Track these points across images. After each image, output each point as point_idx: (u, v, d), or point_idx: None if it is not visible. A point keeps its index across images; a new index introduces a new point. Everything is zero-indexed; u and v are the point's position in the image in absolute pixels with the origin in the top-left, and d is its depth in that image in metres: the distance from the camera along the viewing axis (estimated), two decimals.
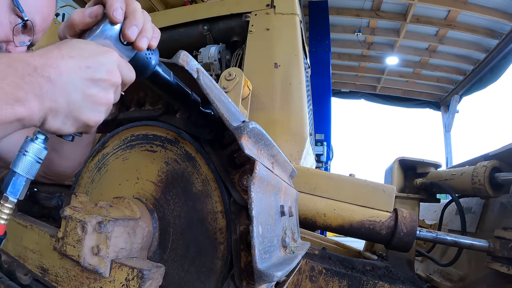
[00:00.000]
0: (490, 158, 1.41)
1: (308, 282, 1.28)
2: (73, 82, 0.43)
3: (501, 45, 6.63)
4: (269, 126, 1.76)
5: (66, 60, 0.43)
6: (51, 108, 0.42)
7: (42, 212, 1.17)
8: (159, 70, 0.56)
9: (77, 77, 0.43)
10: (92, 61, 0.44)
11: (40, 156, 0.47)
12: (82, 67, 0.44)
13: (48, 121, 0.43)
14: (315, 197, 1.35)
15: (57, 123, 0.44)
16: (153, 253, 0.73)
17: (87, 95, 0.44)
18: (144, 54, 0.52)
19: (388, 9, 7.23)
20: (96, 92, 0.45)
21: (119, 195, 0.75)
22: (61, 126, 0.44)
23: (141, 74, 0.53)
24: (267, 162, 0.69)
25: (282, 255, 0.69)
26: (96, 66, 0.45)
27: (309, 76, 2.82)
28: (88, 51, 0.45)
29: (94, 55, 0.45)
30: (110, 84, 0.47)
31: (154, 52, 0.54)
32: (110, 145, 0.89)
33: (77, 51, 0.44)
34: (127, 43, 0.49)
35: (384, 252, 1.64)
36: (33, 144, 0.46)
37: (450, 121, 9.04)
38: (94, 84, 0.45)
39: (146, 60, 0.52)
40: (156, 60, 0.54)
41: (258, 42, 1.98)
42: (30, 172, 0.46)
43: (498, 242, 1.19)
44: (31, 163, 0.46)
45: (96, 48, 0.46)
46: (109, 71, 0.46)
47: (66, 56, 0.43)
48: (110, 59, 0.46)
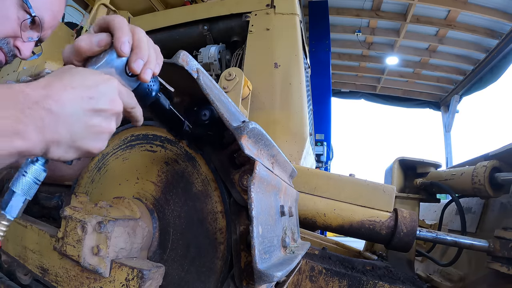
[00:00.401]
0: (490, 158, 1.41)
1: (308, 282, 1.28)
2: (75, 113, 0.43)
3: (501, 45, 6.63)
4: (269, 126, 1.76)
5: (68, 91, 0.42)
6: (53, 140, 0.42)
7: (42, 212, 1.17)
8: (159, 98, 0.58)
9: (79, 108, 0.43)
10: (94, 92, 0.44)
11: (39, 178, 0.47)
12: (85, 98, 0.43)
13: (50, 152, 0.43)
14: (315, 197, 1.35)
15: (60, 153, 0.44)
16: (153, 253, 0.73)
17: (90, 125, 0.45)
18: (146, 85, 0.53)
19: (388, 9, 7.23)
20: (98, 122, 0.45)
21: (119, 195, 0.75)
22: (63, 155, 0.45)
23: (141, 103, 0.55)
24: (267, 162, 0.69)
25: (282, 255, 0.69)
26: (98, 96, 0.45)
27: (309, 76, 2.82)
28: (90, 81, 0.45)
29: (96, 84, 0.45)
30: (112, 113, 0.47)
31: (155, 83, 0.55)
32: (110, 145, 0.89)
33: (79, 81, 0.44)
34: (132, 75, 0.50)
35: (384, 252, 1.64)
36: (33, 166, 0.46)
37: (450, 121, 9.04)
38: (96, 114, 0.45)
39: (148, 91, 0.54)
40: (156, 91, 0.56)
41: (258, 42, 1.98)
42: (28, 193, 0.46)
43: (498, 242, 1.19)
44: (30, 184, 0.46)
45: (97, 77, 0.46)
46: (111, 101, 0.46)
47: (68, 87, 0.43)
48: (112, 88, 0.46)
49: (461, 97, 8.66)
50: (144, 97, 0.54)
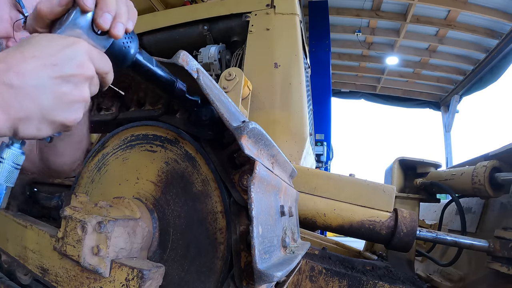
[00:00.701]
0: (490, 158, 1.41)
1: (308, 282, 1.28)
2: (40, 84, 0.39)
3: (501, 45, 6.63)
4: (269, 126, 1.76)
5: (28, 61, 0.38)
6: (20, 117, 0.38)
7: (42, 212, 1.17)
8: (140, 58, 0.52)
9: (44, 78, 0.39)
10: (58, 57, 0.40)
11: (18, 162, 0.44)
12: (48, 65, 0.39)
13: (20, 130, 0.39)
14: (315, 197, 1.35)
15: (31, 130, 0.40)
16: (153, 253, 0.73)
17: (59, 95, 0.40)
18: (121, 43, 0.48)
19: (388, 9, 7.23)
20: (68, 90, 0.41)
21: (119, 195, 0.75)
22: (36, 132, 0.41)
23: (120, 64, 0.50)
24: (267, 162, 0.69)
25: (282, 255, 0.69)
26: (63, 61, 0.40)
27: (309, 76, 2.82)
28: (53, 46, 0.41)
29: (60, 49, 0.41)
30: (83, 79, 0.43)
31: (132, 40, 0.50)
32: (110, 145, 0.89)
33: (41, 48, 0.40)
34: (101, 32, 0.45)
35: (384, 252, 1.64)
36: (8, 151, 0.43)
37: (450, 121, 9.04)
38: (64, 82, 0.41)
39: (124, 49, 0.48)
40: (135, 48, 0.50)
41: (258, 42, 1.98)
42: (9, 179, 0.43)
43: (498, 242, 1.19)
44: (9, 171, 0.43)
45: (62, 41, 0.41)
46: (79, 65, 0.42)
47: (28, 57, 0.39)
48: (79, 51, 0.42)
49: (461, 97, 8.66)
50: (120, 57, 0.49)
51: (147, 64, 0.54)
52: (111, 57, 0.47)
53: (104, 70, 0.46)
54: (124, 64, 0.50)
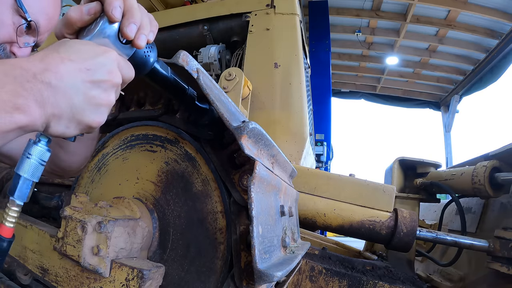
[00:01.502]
0: (490, 158, 1.41)
1: (308, 282, 1.28)
2: (74, 85, 0.42)
3: (501, 45, 6.63)
4: (269, 126, 1.76)
5: (66, 64, 0.42)
6: (54, 114, 0.42)
7: (42, 212, 1.17)
8: (157, 66, 0.56)
9: (78, 80, 0.42)
10: (92, 63, 0.44)
11: (44, 159, 0.47)
12: (83, 70, 0.43)
13: (52, 126, 0.43)
14: (315, 197, 1.35)
15: (61, 128, 0.43)
16: (153, 253, 0.73)
17: (89, 97, 0.44)
18: (142, 52, 0.52)
19: (388, 9, 7.23)
20: (97, 93, 0.45)
21: (119, 195, 0.75)
22: (65, 130, 0.44)
23: (140, 72, 0.53)
24: (267, 162, 0.69)
25: (282, 255, 0.69)
26: (96, 67, 0.44)
27: (309, 76, 2.82)
28: (87, 52, 0.44)
29: (94, 56, 0.44)
30: (111, 85, 0.46)
31: (152, 49, 0.54)
32: (110, 145, 0.89)
33: (76, 53, 0.43)
34: (126, 41, 0.49)
35: (384, 252, 1.64)
36: (36, 147, 0.46)
37: (450, 121, 9.04)
38: (95, 86, 0.44)
39: (145, 58, 0.52)
40: (154, 57, 0.54)
41: (258, 42, 1.98)
42: (34, 174, 0.46)
43: (498, 242, 1.19)
44: (35, 166, 0.46)
45: (95, 48, 0.45)
46: (109, 72, 0.45)
47: (65, 60, 0.42)
48: (110, 59, 0.46)
49: (461, 97, 8.66)
50: (141, 65, 0.52)
51: (164, 72, 0.57)
52: (133, 64, 0.51)
53: (129, 77, 0.50)
54: (143, 72, 0.54)
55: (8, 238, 0.46)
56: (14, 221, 0.46)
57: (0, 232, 0.45)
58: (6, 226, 0.46)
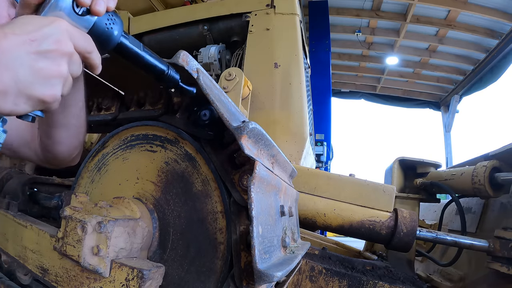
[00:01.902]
0: (490, 158, 1.41)
1: (308, 282, 1.28)
2: (17, 58, 0.40)
3: (501, 45, 6.63)
4: (269, 126, 1.76)
5: (9, 38, 0.40)
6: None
7: (42, 212, 1.17)
8: (125, 42, 0.53)
9: (21, 53, 0.41)
10: (37, 34, 0.42)
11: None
12: (27, 41, 0.41)
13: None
14: (315, 197, 1.35)
15: (8, 105, 0.41)
16: (153, 253, 0.73)
17: (36, 69, 0.42)
18: (103, 24, 0.49)
19: (388, 9, 7.23)
20: (45, 65, 0.43)
21: (119, 195, 0.75)
22: (13, 107, 0.42)
23: (104, 47, 0.50)
24: (267, 162, 0.69)
25: (282, 255, 0.69)
26: (41, 38, 0.42)
27: (309, 76, 2.82)
28: (33, 24, 0.43)
29: (39, 27, 0.43)
30: (60, 54, 0.44)
31: (115, 22, 0.50)
32: (110, 145, 0.90)
33: (22, 26, 0.42)
34: (83, 13, 0.46)
35: (384, 252, 1.64)
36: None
37: (450, 121, 9.05)
38: (41, 57, 0.42)
39: (107, 31, 0.49)
40: (119, 31, 0.51)
41: (258, 42, 1.98)
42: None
43: (498, 242, 1.19)
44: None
45: (42, 20, 0.44)
46: (57, 41, 0.43)
47: (9, 34, 0.41)
48: (58, 29, 0.44)
49: (461, 97, 8.67)
50: (103, 39, 0.49)
51: (134, 47, 0.54)
52: (95, 38, 0.48)
53: (85, 49, 0.47)
54: (108, 46, 0.51)
55: None
56: None
57: None
58: None
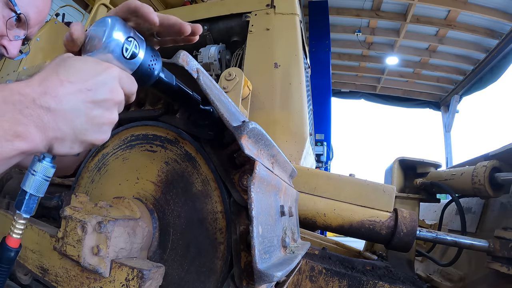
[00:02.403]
0: (490, 158, 1.41)
1: (308, 282, 1.28)
2: (75, 108, 0.41)
3: (501, 45, 6.63)
4: (269, 126, 1.76)
5: (65, 86, 0.41)
6: (56, 137, 0.41)
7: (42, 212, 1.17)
8: (162, 76, 0.54)
9: (78, 102, 0.42)
10: (92, 83, 0.43)
11: (48, 175, 0.47)
12: (83, 91, 0.42)
13: (55, 148, 0.43)
14: (315, 197, 1.35)
15: (65, 149, 0.43)
16: (153, 253, 0.73)
17: (91, 117, 0.43)
18: (147, 65, 0.50)
19: (388, 9, 7.24)
20: (99, 113, 0.44)
21: (119, 195, 0.75)
22: (69, 151, 0.44)
23: (143, 84, 0.52)
24: (267, 162, 0.69)
25: (282, 255, 0.69)
26: (97, 87, 0.43)
27: (309, 76, 2.82)
28: (87, 71, 0.43)
29: (94, 75, 0.43)
30: (114, 103, 0.46)
31: (157, 61, 0.52)
32: (110, 145, 0.89)
33: (76, 73, 0.42)
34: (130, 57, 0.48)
35: (384, 252, 1.64)
36: (40, 164, 0.46)
37: (450, 121, 9.05)
38: (97, 106, 0.43)
39: (149, 71, 0.51)
40: (159, 69, 0.53)
41: (258, 42, 1.98)
42: (40, 190, 0.47)
43: (498, 242, 1.19)
44: (40, 182, 0.47)
45: (95, 66, 0.44)
46: (111, 90, 0.45)
47: (65, 82, 0.41)
48: (111, 77, 0.44)
49: (461, 97, 8.67)
50: (146, 78, 0.51)
51: (168, 82, 0.56)
52: (137, 78, 0.49)
53: (131, 92, 0.49)
54: (147, 84, 0.53)
55: (15, 248, 0.48)
56: (21, 233, 0.48)
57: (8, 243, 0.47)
58: (14, 237, 0.48)
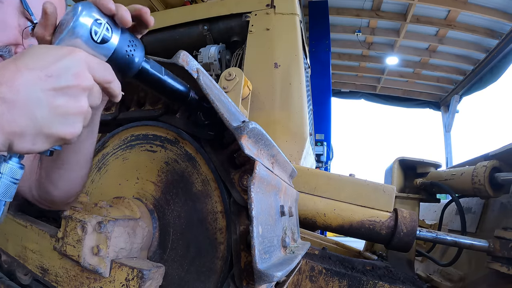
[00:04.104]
0: (490, 158, 1.41)
1: (308, 282, 1.28)
2: (34, 97, 0.37)
3: (501, 45, 6.63)
4: (269, 126, 1.76)
5: (23, 73, 0.37)
6: (14, 132, 0.36)
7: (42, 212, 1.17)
8: (147, 67, 0.50)
9: (38, 91, 0.37)
10: (53, 68, 0.38)
11: (16, 177, 0.42)
12: (42, 77, 0.37)
13: (15, 145, 0.37)
14: (315, 197, 1.35)
15: (26, 145, 0.38)
16: (153, 253, 0.73)
17: (54, 107, 0.38)
18: (124, 51, 0.45)
19: (388, 9, 7.23)
20: (64, 102, 0.39)
21: (119, 195, 0.75)
22: (31, 147, 0.39)
23: (124, 74, 0.47)
24: (267, 162, 0.69)
25: (282, 255, 0.69)
26: (59, 72, 0.39)
27: (309, 76, 2.82)
28: (48, 56, 0.39)
29: (56, 60, 0.39)
30: (80, 90, 0.40)
31: (137, 47, 0.47)
32: (110, 145, 0.90)
33: (36, 59, 0.38)
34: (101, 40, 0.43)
35: (384, 252, 1.64)
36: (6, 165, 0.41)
37: (450, 121, 9.04)
38: (60, 94, 0.39)
39: (128, 58, 0.46)
40: (140, 56, 0.48)
41: (258, 42, 1.98)
42: (7, 194, 0.41)
43: (498, 242, 1.19)
44: (7, 186, 0.41)
45: (58, 50, 0.40)
46: (76, 75, 0.40)
47: (22, 69, 0.37)
48: (76, 61, 0.40)
49: (461, 97, 8.66)
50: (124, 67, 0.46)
51: (155, 73, 0.51)
52: (114, 66, 0.45)
53: (105, 79, 0.43)
54: (129, 74, 0.48)
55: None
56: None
57: None
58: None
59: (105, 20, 0.43)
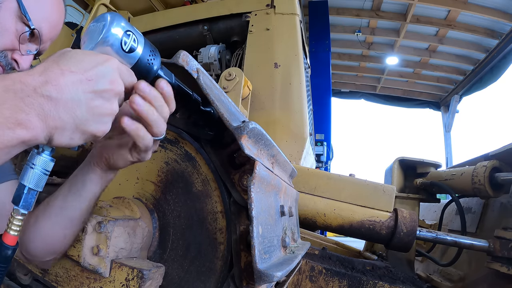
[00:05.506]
0: (490, 158, 1.41)
1: (308, 282, 1.28)
2: (76, 97, 0.42)
3: (501, 45, 6.63)
4: (269, 126, 1.76)
5: (66, 76, 0.42)
6: (56, 126, 0.42)
7: None
8: (161, 73, 0.56)
9: (79, 92, 0.42)
10: (93, 73, 0.44)
11: (47, 168, 0.47)
12: (84, 81, 0.43)
13: (55, 138, 0.43)
14: (315, 197, 1.35)
15: (65, 139, 0.43)
16: (153, 253, 0.73)
17: (92, 107, 0.44)
18: (146, 60, 0.52)
19: (388, 9, 7.23)
20: (100, 103, 0.45)
21: (119, 195, 0.75)
22: (69, 141, 0.44)
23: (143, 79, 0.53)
24: (267, 162, 0.69)
25: (282, 255, 0.69)
26: (97, 77, 0.44)
27: (309, 76, 2.82)
28: (88, 62, 0.44)
29: (95, 66, 0.44)
30: (114, 94, 0.46)
31: (155, 57, 0.54)
32: None
33: (77, 63, 0.43)
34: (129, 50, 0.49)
35: (384, 252, 1.64)
36: (39, 157, 0.46)
37: (450, 121, 9.05)
38: (97, 96, 0.44)
39: (148, 66, 0.52)
40: (158, 65, 0.54)
41: (258, 42, 1.98)
42: (39, 184, 0.46)
43: (498, 242, 1.19)
44: (39, 176, 0.46)
45: (96, 57, 0.45)
46: (111, 81, 0.45)
47: (66, 71, 0.42)
48: (111, 68, 0.45)
49: (461, 97, 8.66)
50: (144, 73, 0.52)
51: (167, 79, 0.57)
52: (136, 72, 0.50)
53: (131, 85, 0.50)
54: (147, 79, 0.53)
55: (13, 246, 0.47)
56: (18, 230, 0.47)
57: (5, 240, 0.46)
58: (11, 235, 0.46)
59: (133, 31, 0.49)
